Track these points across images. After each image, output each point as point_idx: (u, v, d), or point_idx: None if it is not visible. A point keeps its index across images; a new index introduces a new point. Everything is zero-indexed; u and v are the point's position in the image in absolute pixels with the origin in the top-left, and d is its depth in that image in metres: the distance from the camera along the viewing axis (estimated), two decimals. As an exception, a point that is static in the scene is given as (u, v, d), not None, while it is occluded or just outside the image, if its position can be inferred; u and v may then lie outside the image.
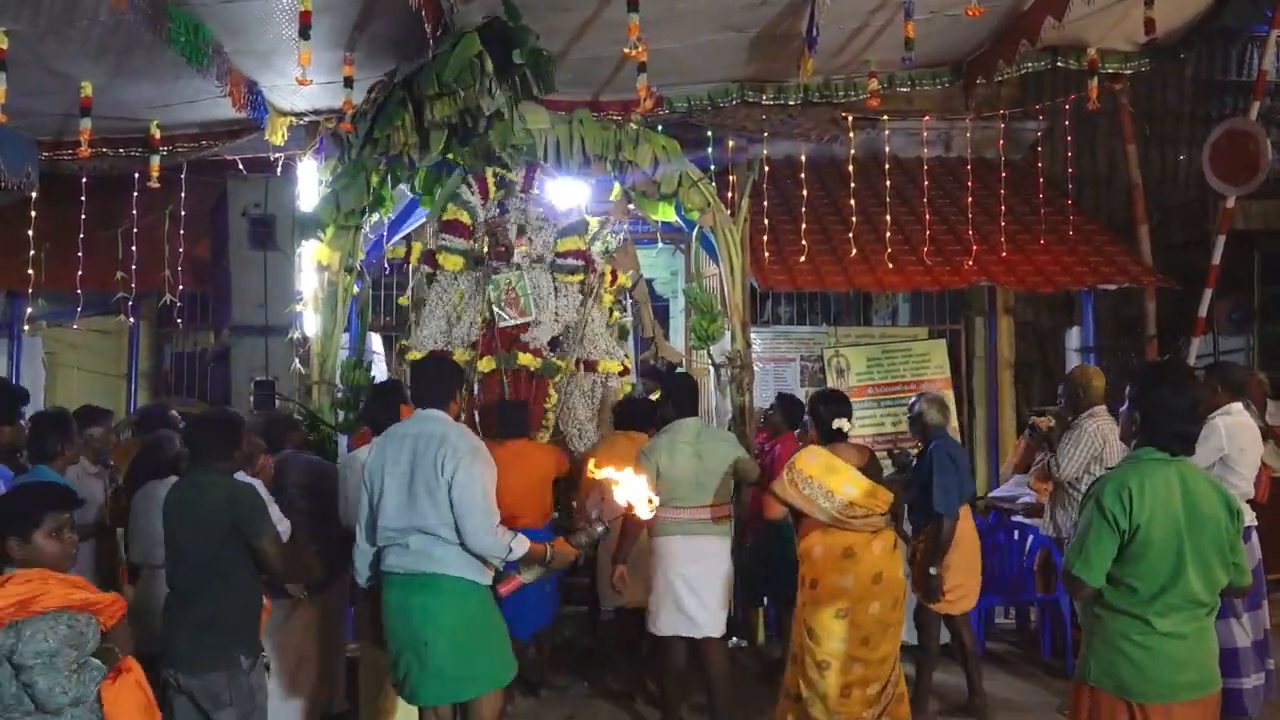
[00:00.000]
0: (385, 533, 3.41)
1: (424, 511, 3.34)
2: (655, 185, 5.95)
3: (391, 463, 3.42)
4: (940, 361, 7.66)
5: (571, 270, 5.79)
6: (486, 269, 5.71)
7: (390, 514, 3.39)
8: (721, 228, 6.05)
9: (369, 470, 3.48)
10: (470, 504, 3.31)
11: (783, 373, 7.66)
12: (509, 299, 5.66)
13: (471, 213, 5.80)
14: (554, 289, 5.80)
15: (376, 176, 5.58)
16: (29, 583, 2.42)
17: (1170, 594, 2.58)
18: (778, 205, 7.83)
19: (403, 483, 3.39)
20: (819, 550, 3.97)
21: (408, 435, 3.45)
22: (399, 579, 3.39)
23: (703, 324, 6.04)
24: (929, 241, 7.28)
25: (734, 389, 6.01)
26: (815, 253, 7.23)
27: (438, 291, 5.79)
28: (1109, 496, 2.61)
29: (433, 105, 5.25)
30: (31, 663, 2.36)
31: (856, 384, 7.53)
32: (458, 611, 3.36)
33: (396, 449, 3.44)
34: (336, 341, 5.72)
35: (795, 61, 5.82)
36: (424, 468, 3.35)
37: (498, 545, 3.34)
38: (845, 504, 3.95)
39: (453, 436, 3.40)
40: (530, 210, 5.91)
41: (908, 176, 8.07)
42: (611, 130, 5.85)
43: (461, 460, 3.33)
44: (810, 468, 3.97)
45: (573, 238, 5.84)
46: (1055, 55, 6.43)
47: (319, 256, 5.69)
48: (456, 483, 3.31)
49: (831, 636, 3.92)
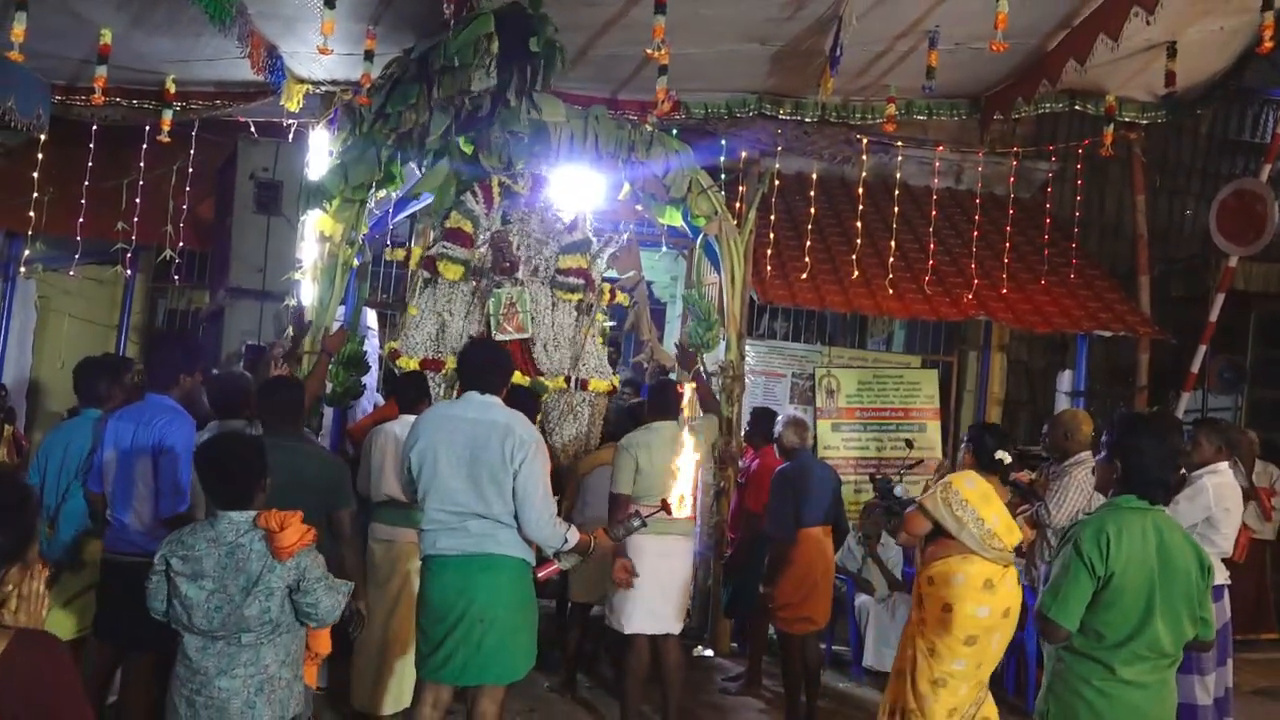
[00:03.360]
0: (438, 514, 3.42)
1: (489, 499, 3.38)
2: (664, 188, 5.94)
3: (446, 444, 3.42)
4: (930, 391, 7.69)
5: (572, 288, 5.76)
6: (489, 282, 5.69)
7: (445, 496, 3.40)
8: (726, 237, 6.06)
9: (419, 448, 3.46)
10: (534, 494, 3.37)
11: (773, 387, 7.67)
12: (508, 314, 5.64)
13: (475, 222, 5.77)
14: (552, 304, 5.77)
15: (386, 153, 5.57)
16: (296, 517, 2.78)
17: (1136, 642, 2.60)
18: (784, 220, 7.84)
19: (460, 466, 3.40)
20: (960, 578, 3.94)
21: (464, 419, 3.45)
22: (457, 560, 3.41)
23: (699, 331, 6.04)
24: (931, 271, 7.30)
25: (724, 399, 6.02)
26: (817, 271, 7.24)
27: (432, 298, 5.77)
28: (1088, 541, 2.62)
29: (440, 82, 5.24)
30: (315, 586, 2.75)
31: (845, 405, 7.55)
32: (519, 590, 3.45)
33: (451, 431, 3.43)
34: (332, 312, 5.70)
35: (816, 79, 5.84)
36: (488, 455, 3.38)
37: (555, 534, 3.43)
38: (991, 534, 3.98)
39: (517, 427, 3.44)
40: (533, 223, 5.89)
41: (916, 204, 8.09)
42: (626, 129, 5.84)
43: (528, 452, 3.39)
44: (968, 492, 3.95)
45: (575, 255, 5.81)
46: (1074, 98, 6.46)
47: (322, 226, 5.67)
48: (523, 473, 3.36)
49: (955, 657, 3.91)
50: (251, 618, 2.69)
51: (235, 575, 2.70)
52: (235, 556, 2.72)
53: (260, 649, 2.72)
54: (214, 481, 2.82)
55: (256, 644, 2.72)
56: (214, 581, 2.71)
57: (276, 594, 2.72)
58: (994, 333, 8.08)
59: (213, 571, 2.71)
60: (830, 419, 7.54)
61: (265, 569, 2.71)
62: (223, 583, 2.70)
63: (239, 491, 2.81)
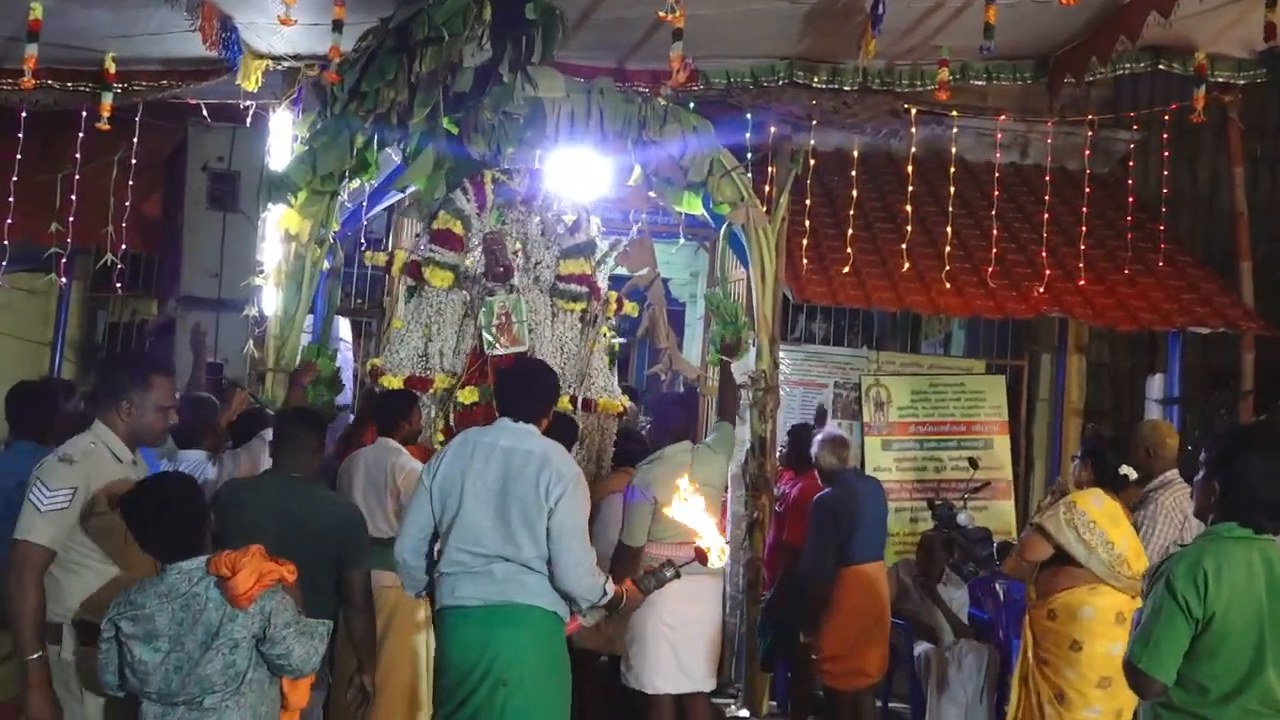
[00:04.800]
0: (459, 554, 3.40)
1: (520, 542, 3.37)
2: (681, 171, 5.96)
3: (475, 476, 3.42)
4: (997, 401, 7.67)
5: (574, 297, 5.79)
6: (481, 289, 5.74)
7: (470, 535, 3.40)
8: (754, 226, 6.08)
9: (440, 477, 3.46)
10: (572, 537, 3.37)
11: (812, 400, 7.67)
12: (503, 326, 5.68)
13: (465, 223, 5.81)
14: (552, 314, 5.81)
15: (361, 137, 5.62)
16: (252, 557, 2.80)
17: (1245, 696, 2.59)
18: (822, 205, 7.84)
19: (489, 500, 3.40)
20: (1089, 611, 3.98)
21: (496, 446, 3.46)
22: (479, 612, 3.39)
23: (725, 336, 6.06)
24: (994, 261, 7.28)
25: (755, 415, 6.04)
26: (861, 263, 7.24)
27: (418, 308, 5.82)
28: (1181, 579, 2.61)
29: (423, 54, 5.28)
30: (284, 633, 2.79)
31: (897, 419, 7.55)
32: (547, 649, 3.42)
33: (483, 460, 3.44)
34: (299, 323, 5.75)
35: (855, 41, 5.86)
36: (522, 490, 3.39)
37: (593, 585, 3.40)
38: (1121, 559, 3.99)
39: (555, 459, 3.45)
40: (531, 224, 5.93)
41: (975, 183, 8.07)
42: (636, 104, 5.87)
43: (568, 488, 3.39)
44: (1095, 512, 3.99)
45: (578, 260, 5.83)
46: (1157, 57, 6.46)
47: (287, 224, 5.72)
48: (560, 511, 3.36)
49: (1088, 703, 3.94)
50: (214, 675, 2.72)
51: (192, 629, 2.73)
52: (191, 609, 2.75)
53: (225, 712, 2.75)
54: (154, 535, 2.84)
55: (221, 706, 2.75)
56: (169, 641, 2.74)
57: (241, 646, 2.75)
58: (1070, 332, 8.04)
59: (167, 630, 2.74)
60: (880, 435, 7.54)
61: (225, 619, 2.74)
62: (179, 640, 2.73)
63: (183, 540, 2.83)
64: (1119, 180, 8.17)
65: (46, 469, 3.08)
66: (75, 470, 3.05)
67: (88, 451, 3.12)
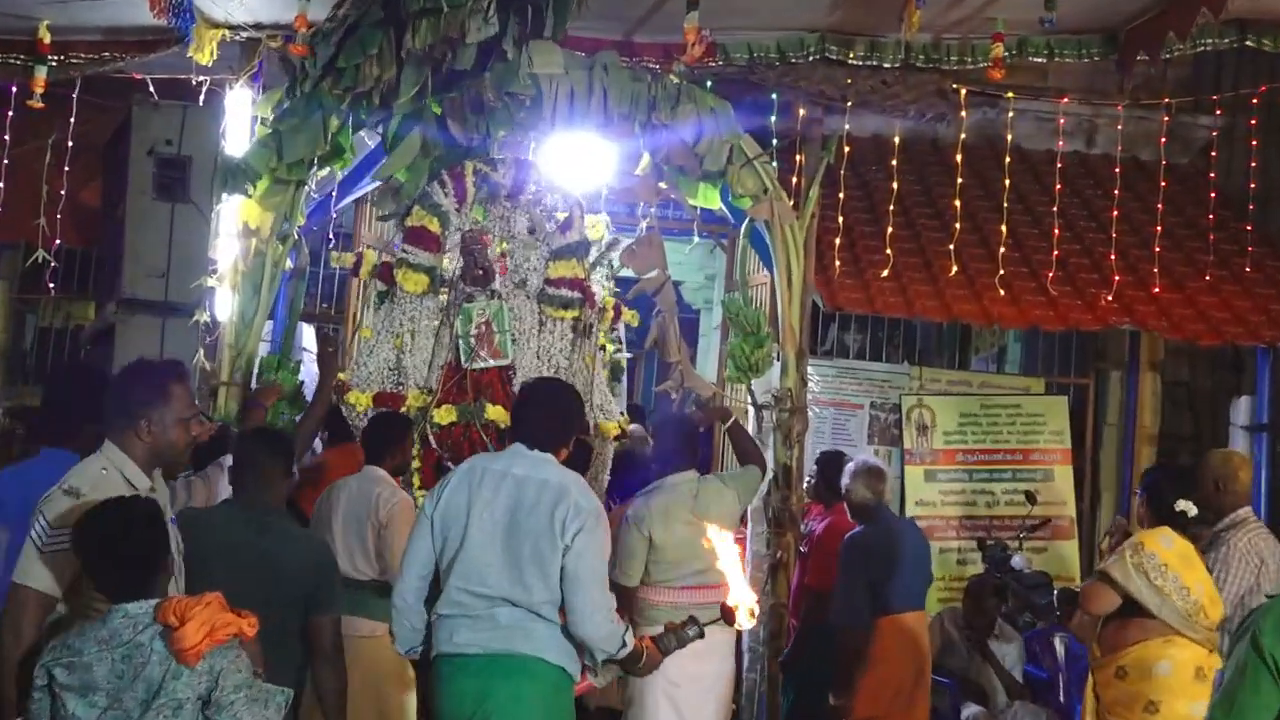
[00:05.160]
0: (460, 595, 3.41)
1: (529, 583, 3.38)
2: (696, 159, 5.97)
3: (482, 506, 3.44)
4: (1058, 426, 7.65)
5: (564, 303, 5.77)
6: (457, 294, 5.74)
7: (473, 574, 3.41)
8: (780, 222, 6.08)
9: (443, 506, 3.49)
10: (589, 579, 3.38)
11: (845, 422, 7.67)
12: (482, 336, 5.68)
13: (443, 220, 5.80)
14: (539, 323, 5.81)
15: (336, 120, 5.63)
16: (206, 607, 2.75)
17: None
18: (857, 198, 7.85)
19: (497, 536, 3.42)
20: (1165, 667, 3.97)
21: (507, 474, 3.49)
22: (479, 662, 3.40)
23: (744, 349, 6.06)
24: (1056, 264, 7.27)
25: (778, 440, 6.02)
26: (902, 265, 7.24)
27: (389, 316, 5.82)
28: (1270, 635, 2.60)
29: (417, 27, 5.30)
30: (233, 698, 2.75)
31: (943, 446, 7.53)
32: (552, 708, 3.42)
33: (492, 489, 3.46)
34: (257, 331, 5.76)
35: (897, 11, 5.86)
36: (535, 523, 3.40)
37: (612, 634, 3.41)
38: (1198, 607, 3.98)
39: (574, 490, 3.47)
40: (517, 221, 5.93)
41: (1034, 174, 8.07)
42: (645, 82, 5.87)
43: (587, 523, 3.40)
44: (1166, 554, 3.99)
45: (569, 261, 5.81)
46: (1244, 32, 6.44)
47: (246, 216, 5.72)
48: (576, 550, 3.38)
49: None
50: None
51: (132, 685, 2.72)
52: (132, 661, 2.73)
53: None
54: (107, 569, 2.84)
55: None
56: (107, 696, 2.72)
57: (186, 708, 2.73)
58: (1143, 346, 8.02)
59: (105, 682, 2.73)
60: (922, 464, 7.52)
61: (169, 675, 2.72)
62: (118, 696, 2.72)
63: (138, 578, 2.82)
64: (1199, 172, 8.17)
65: (49, 502, 3.06)
66: (82, 505, 3.03)
67: (97, 482, 3.10)
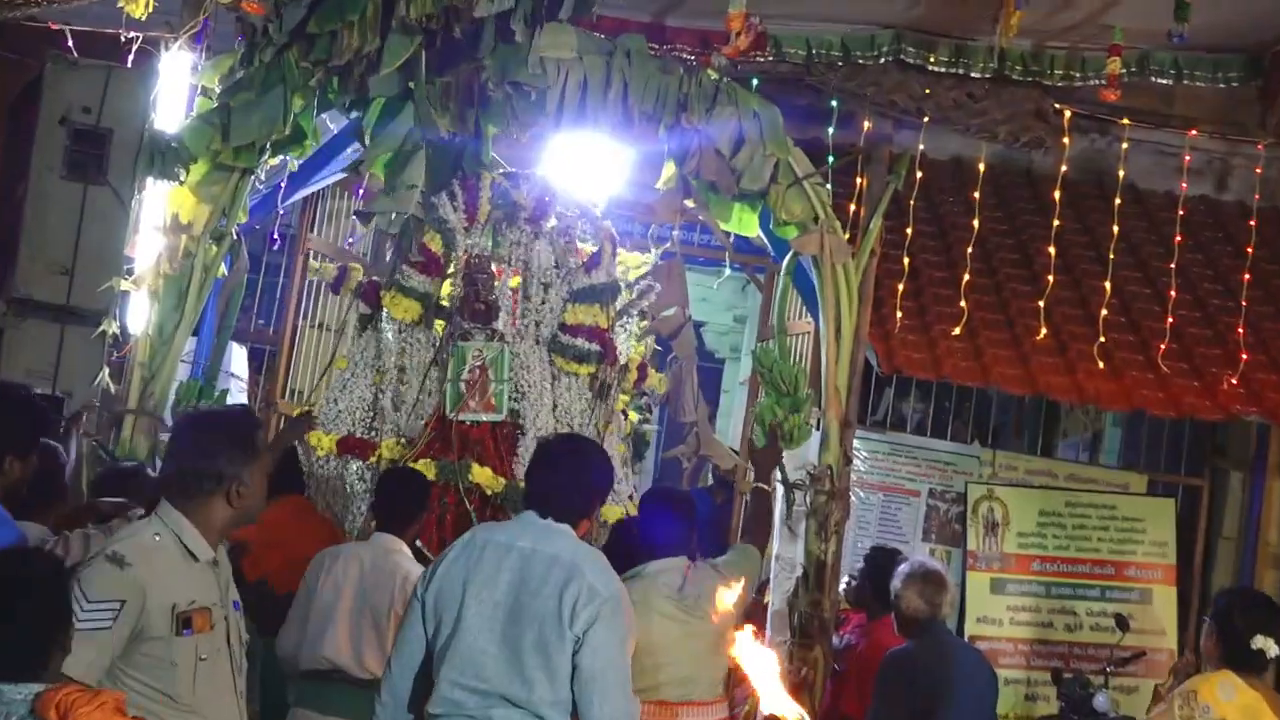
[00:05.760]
0: (453, 691, 3.46)
1: (531, 678, 3.43)
2: (733, 174, 6.00)
3: (481, 585, 3.50)
4: (1162, 535, 7.61)
5: (579, 355, 5.83)
6: (453, 328, 5.80)
7: (468, 665, 3.46)
8: (832, 259, 6.09)
9: (436, 585, 3.55)
10: (606, 680, 3.43)
11: (896, 512, 7.66)
12: (474, 381, 5.73)
13: (447, 238, 5.88)
14: (551, 377, 5.86)
15: (300, 98, 5.69)
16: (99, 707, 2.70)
17: None
18: (928, 235, 7.87)
19: (497, 620, 3.47)
20: None
21: (512, 548, 3.55)
22: None
23: (776, 412, 6.06)
24: (1170, 334, 7.30)
25: (811, 528, 6.03)
26: (979, 322, 7.25)
27: (370, 346, 5.90)
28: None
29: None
30: None
31: (1016, 550, 7.49)
32: None
33: (494, 565, 3.52)
34: (177, 349, 5.80)
35: (992, 10, 5.94)
36: (540, 607, 3.45)
37: None
38: None
39: (588, 569, 3.52)
40: (537, 251, 6.00)
41: (1149, 221, 8.10)
42: (676, 75, 5.92)
43: (603, 610, 3.45)
44: (1224, 707, 4.04)
45: (591, 307, 5.89)
46: None
47: (175, 208, 5.78)
48: (591, 644, 3.43)
49: None
50: None
51: None
52: None
53: None
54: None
55: None
56: None
57: None
58: (1273, 443, 8.00)
59: None
60: (989, 570, 7.49)
61: None
62: None
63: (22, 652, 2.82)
64: (1355, 232, 8.22)
65: (88, 571, 3.07)
66: (127, 577, 3.05)
67: (148, 551, 3.12)
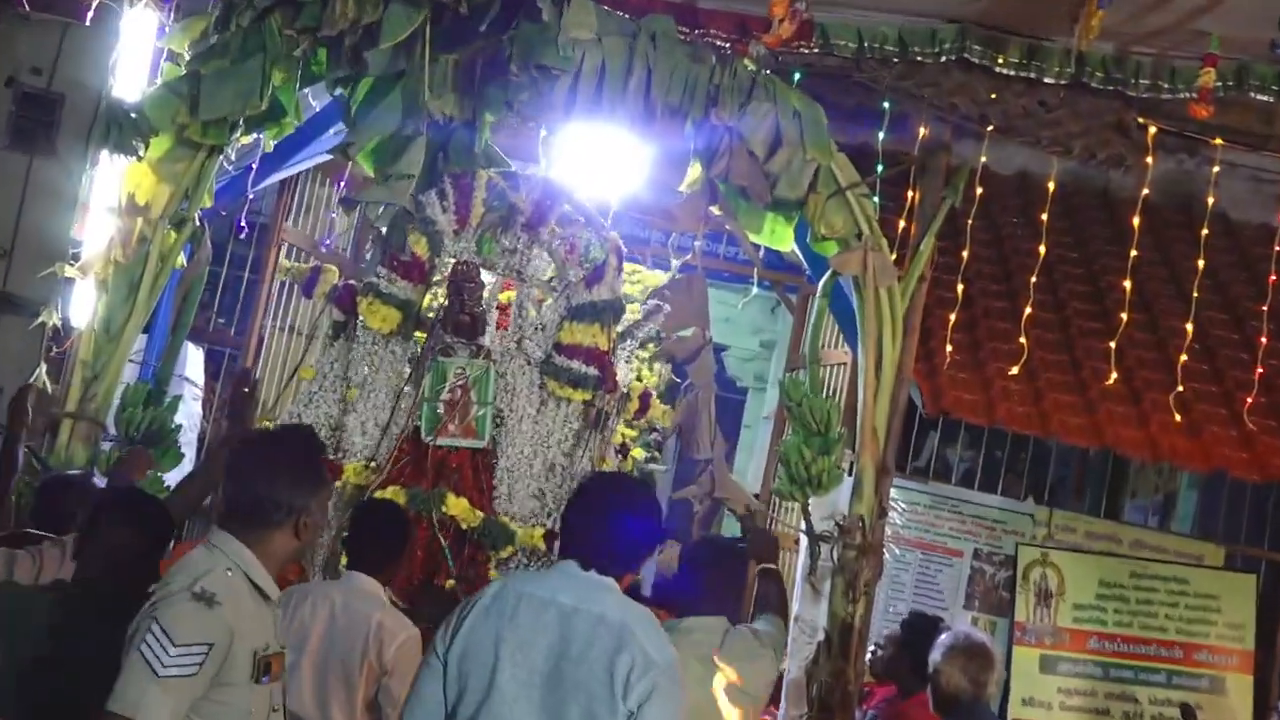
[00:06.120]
0: None
1: None
2: (767, 180, 6.04)
3: (517, 647, 3.49)
4: (1240, 616, 7.62)
5: (574, 379, 5.86)
6: (434, 342, 5.85)
7: None
8: (875, 281, 6.12)
9: (461, 645, 3.54)
10: None
11: (935, 573, 7.68)
12: (454, 402, 5.76)
13: (434, 241, 5.93)
14: (540, 402, 5.91)
15: (281, 72, 5.75)
16: None
17: None
18: (987, 258, 7.89)
19: (534, 688, 3.47)
20: None
21: (552, 604, 3.54)
22: None
23: (804, 452, 6.10)
24: (1259, 385, 7.31)
25: (838, 587, 6.05)
26: (1039, 362, 7.26)
27: (341, 357, 5.95)
28: None
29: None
30: None
31: (1071, 624, 7.51)
32: None
33: (530, 623, 3.52)
34: (125, 347, 5.84)
35: (1070, 9, 5.98)
36: (586, 676, 3.46)
37: None
38: None
39: (640, 632, 3.52)
40: (533, 261, 6.06)
41: (1240, 255, 8.10)
42: (707, 65, 5.97)
43: (660, 681, 3.45)
44: None
45: (590, 326, 5.93)
46: None
47: (132, 187, 5.82)
48: (646, 718, 3.42)
49: None
50: None
51: None
52: None
53: None
54: None
55: None
56: None
57: None
58: (1371, 515, 8.06)
59: None
60: (1039, 645, 7.50)
61: None
62: None
63: None
64: None
65: (169, 609, 3.04)
66: (215, 617, 3.06)
67: (230, 589, 3.14)
